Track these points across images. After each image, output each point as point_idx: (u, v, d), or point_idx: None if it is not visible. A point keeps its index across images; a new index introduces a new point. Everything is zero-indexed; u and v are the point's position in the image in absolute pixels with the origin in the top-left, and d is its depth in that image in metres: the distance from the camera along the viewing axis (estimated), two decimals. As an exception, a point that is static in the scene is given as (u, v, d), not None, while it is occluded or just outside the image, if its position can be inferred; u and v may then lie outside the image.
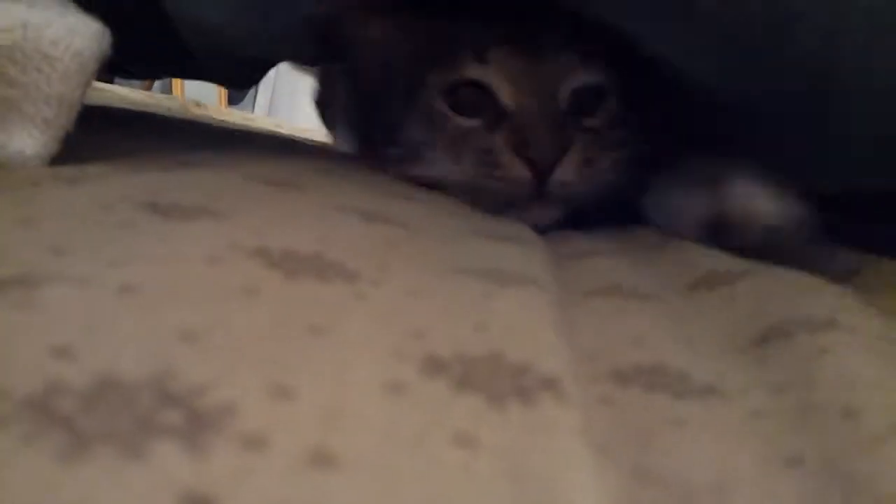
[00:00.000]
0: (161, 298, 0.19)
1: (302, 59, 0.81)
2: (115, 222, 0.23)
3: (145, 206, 0.25)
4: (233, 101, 2.36)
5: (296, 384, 0.16)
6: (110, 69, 0.57)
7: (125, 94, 1.05)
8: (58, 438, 0.13)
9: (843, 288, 0.31)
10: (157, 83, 1.82)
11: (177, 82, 2.03)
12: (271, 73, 0.94)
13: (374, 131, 0.58)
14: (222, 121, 1.05)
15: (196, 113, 1.15)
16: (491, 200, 0.49)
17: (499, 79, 0.50)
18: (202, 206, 0.26)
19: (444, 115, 0.51)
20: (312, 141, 0.95)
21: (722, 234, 0.40)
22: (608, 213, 0.53)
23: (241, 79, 0.76)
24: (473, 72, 0.50)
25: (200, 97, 1.35)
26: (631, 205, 0.53)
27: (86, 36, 0.32)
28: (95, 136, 0.36)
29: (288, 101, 2.65)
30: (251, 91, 2.58)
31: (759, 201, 0.41)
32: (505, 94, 0.50)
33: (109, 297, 0.18)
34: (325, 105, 0.98)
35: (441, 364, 0.19)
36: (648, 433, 0.20)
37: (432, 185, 0.51)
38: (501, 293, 0.25)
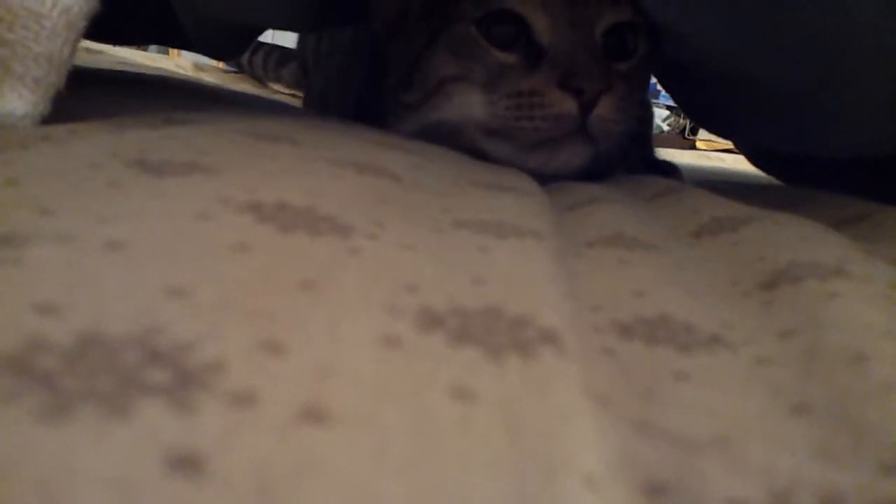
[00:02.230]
0: (149, 255, 0.18)
1: (299, 26, 0.80)
2: (103, 180, 0.23)
3: (134, 163, 0.25)
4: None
5: (287, 340, 0.16)
6: (100, 34, 0.56)
7: (123, 55, 1.04)
8: (38, 397, 0.12)
9: (848, 236, 0.30)
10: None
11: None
12: (269, 33, 0.93)
13: (386, 79, 0.57)
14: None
15: (194, 75, 1.14)
16: (519, 143, 0.49)
17: (536, 11, 0.49)
18: (192, 161, 0.25)
19: (480, 45, 0.50)
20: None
21: None
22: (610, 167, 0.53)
23: (228, 49, 0.75)
24: (510, 2, 0.49)
25: (200, 59, 1.34)
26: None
27: (73, -8, 0.32)
28: (89, 96, 0.35)
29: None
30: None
31: None
32: (542, 28, 0.49)
33: (96, 254, 0.18)
34: (308, 90, 0.97)
35: (437, 318, 0.19)
36: (651, 386, 0.19)
37: (446, 134, 0.51)
38: (500, 245, 0.24)
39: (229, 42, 0.68)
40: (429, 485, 0.13)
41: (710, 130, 0.70)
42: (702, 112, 0.68)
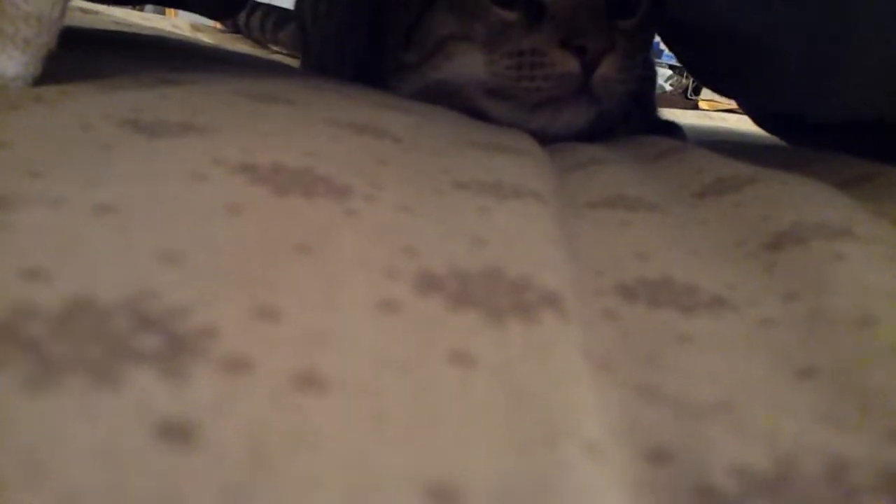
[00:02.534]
0: (140, 218, 0.18)
1: None
2: (95, 142, 0.22)
3: (127, 123, 0.24)
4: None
5: (282, 305, 0.16)
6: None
7: (119, 16, 1.02)
8: (25, 365, 0.12)
9: (854, 196, 0.30)
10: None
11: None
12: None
13: (386, 39, 0.56)
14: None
15: (191, 35, 1.13)
16: (521, 104, 0.49)
17: None
18: (186, 122, 0.25)
19: (480, 3, 0.49)
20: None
21: None
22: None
23: (224, 8, 0.74)
24: None
25: (197, 19, 1.32)
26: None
27: (63, -52, 0.31)
28: (82, 57, 0.35)
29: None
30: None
31: None
32: None
33: (86, 218, 0.17)
34: (306, 51, 0.96)
35: (436, 281, 0.18)
36: (654, 350, 0.19)
37: (447, 95, 0.50)
38: (499, 207, 0.24)
39: (225, 1, 0.67)
40: (427, 452, 0.13)
41: (715, 90, 0.69)
42: (706, 72, 0.68)
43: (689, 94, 2.53)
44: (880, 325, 0.19)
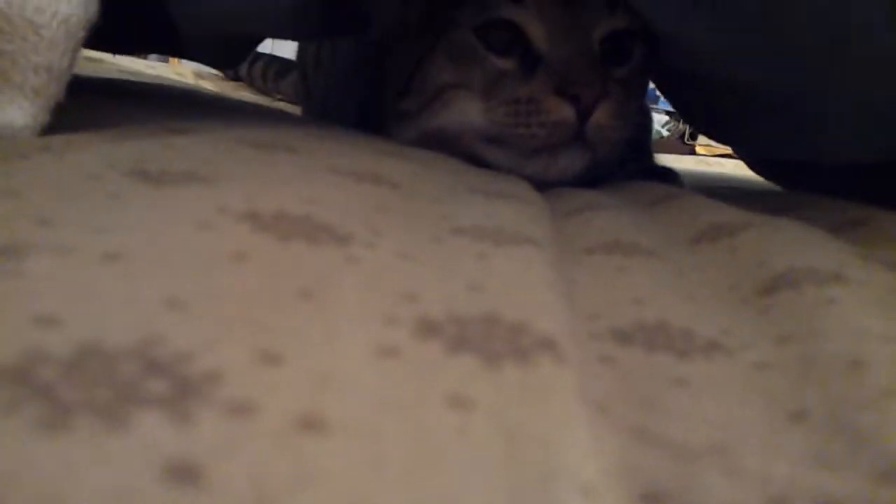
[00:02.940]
0: (147, 265, 0.18)
1: (299, 35, 0.81)
2: (102, 191, 0.23)
3: (133, 173, 0.25)
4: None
5: (285, 350, 0.16)
6: (99, 43, 0.56)
7: (123, 64, 1.04)
8: (38, 408, 0.13)
9: (846, 240, 0.30)
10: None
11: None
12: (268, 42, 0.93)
13: (386, 86, 0.57)
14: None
15: (194, 83, 1.14)
16: (517, 150, 0.50)
17: (532, 20, 0.49)
18: (191, 171, 0.25)
19: (478, 52, 0.50)
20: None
21: None
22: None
23: (228, 58, 0.75)
24: (507, 12, 0.50)
25: (201, 67, 1.34)
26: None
27: (72, 1, 0.32)
28: (88, 105, 0.35)
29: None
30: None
31: None
32: (539, 36, 0.49)
33: (95, 265, 0.18)
34: (308, 97, 0.98)
35: (435, 326, 0.19)
36: (649, 393, 0.19)
37: (445, 141, 0.51)
38: (497, 253, 0.24)
39: (228, 51, 0.68)
40: (426, 494, 0.14)
41: (709, 136, 0.70)
42: (700, 117, 0.68)
43: (686, 139, 2.54)
44: (870, 368, 0.20)
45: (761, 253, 0.28)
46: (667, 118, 2.75)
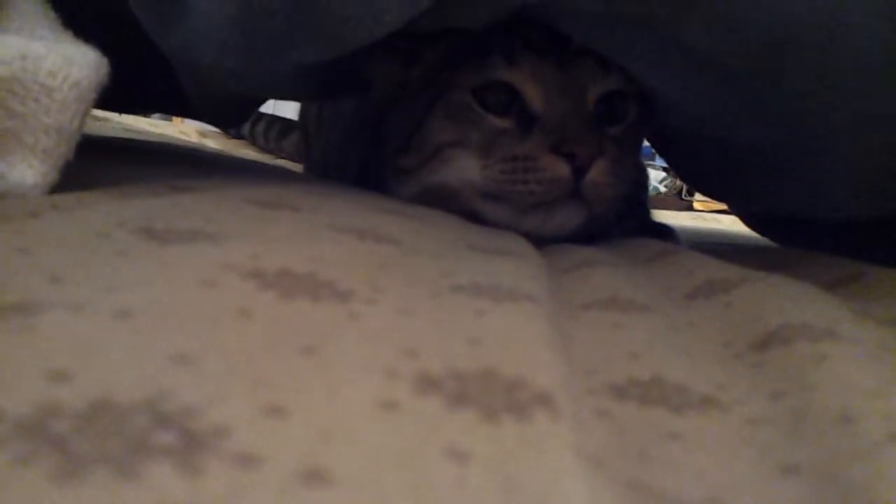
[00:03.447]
0: (155, 322, 0.19)
1: (301, 96, 0.82)
2: (110, 249, 0.24)
3: (140, 231, 0.25)
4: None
5: (289, 404, 0.16)
6: (105, 103, 0.57)
7: (128, 122, 1.05)
8: (52, 459, 0.13)
9: (840, 296, 0.31)
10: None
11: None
12: (270, 103, 0.94)
13: (386, 144, 0.58)
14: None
15: (198, 141, 1.16)
16: (514, 206, 0.51)
17: (528, 81, 0.51)
18: (197, 229, 0.26)
19: (475, 112, 0.52)
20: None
21: None
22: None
23: (230, 118, 0.76)
24: (503, 74, 0.51)
25: (204, 126, 1.36)
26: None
27: (83, 65, 0.33)
28: (96, 164, 0.36)
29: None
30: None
31: None
32: (534, 97, 0.51)
33: (104, 322, 0.18)
34: (309, 155, 0.99)
35: (434, 381, 0.19)
36: (644, 447, 0.20)
37: (444, 198, 0.52)
38: (495, 309, 0.25)
39: (231, 111, 0.69)
40: (426, 544, 0.14)
41: (703, 193, 0.71)
42: (694, 175, 0.69)
43: (683, 195, 2.55)
44: (860, 422, 0.20)
45: (756, 309, 0.29)
46: (664, 174, 2.77)
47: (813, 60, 0.41)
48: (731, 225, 1.29)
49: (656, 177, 2.82)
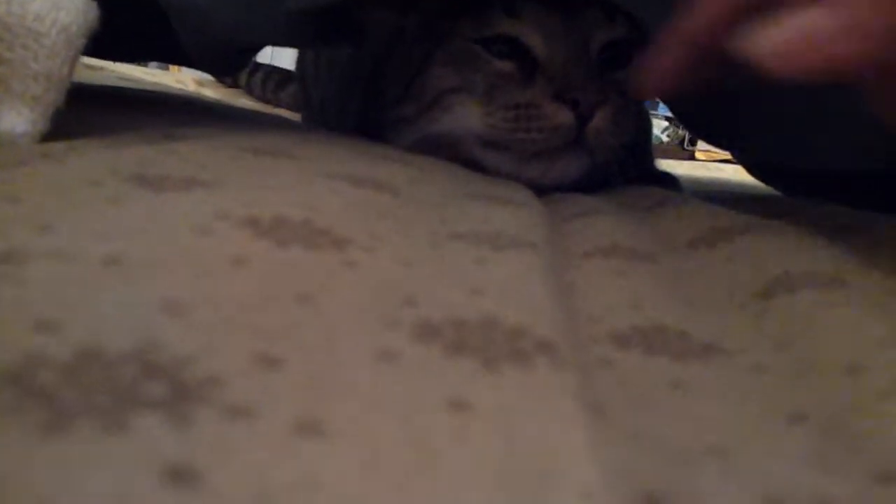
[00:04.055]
0: (146, 271, 0.18)
1: (298, 43, 0.81)
2: (102, 197, 0.23)
3: (133, 179, 0.25)
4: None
5: (283, 354, 0.16)
6: (99, 51, 0.56)
7: (124, 71, 1.04)
8: (37, 412, 0.13)
9: (846, 245, 0.30)
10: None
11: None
12: (267, 50, 0.93)
13: (384, 93, 0.58)
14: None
15: (195, 90, 1.15)
16: (517, 155, 0.50)
17: (532, 32, 0.50)
18: (191, 177, 0.26)
19: (480, 58, 0.51)
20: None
21: None
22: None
23: (227, 65, 0.75)
24: (505, 26, 0.50)
25: (202, 75, 1.34)
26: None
27: (71, 10, 0.32)
28: (88, 113, 0.35)
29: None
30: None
31: None
32: (537, 44, 0.50)
33: (94, 271, 0.18)
34: (307, 104, 0.98)
35: (434, 330, 0.19)
36: (647, 396, 0.20)
37: (444, 146, 0.52)
38: (496, 257, 0.25)
39: (227, 59, 0.68)
40: (425, 497, 0.14)
41: (708, 142, 0.70)
42: (699, 125, 0.68)
43: (685, 145, 2.55)
44: (867, 372, 0.20)
45: (759, 257, 0.28)
46: (666, 124, 2.75)
47: None
48: (734, 174, 1.28)
49: (659, 126, 2.81)
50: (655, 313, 0.24)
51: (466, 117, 0.51)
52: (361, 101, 0.68)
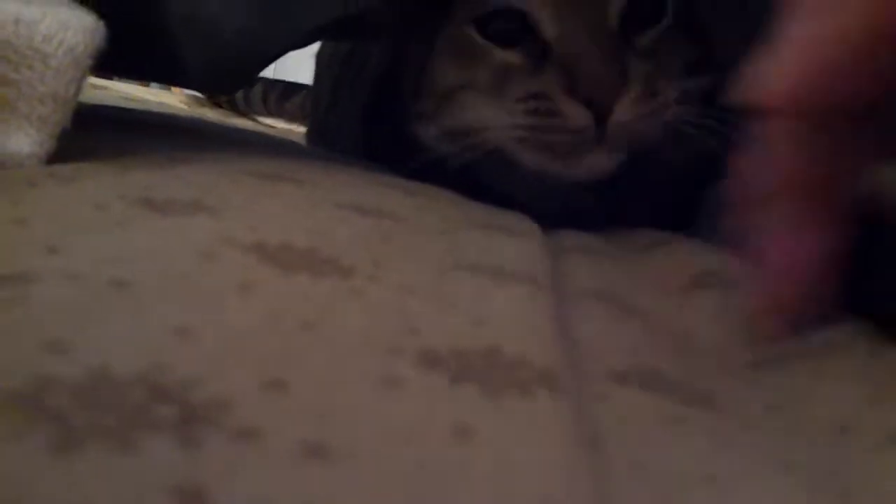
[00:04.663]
0: (154, 294, 0.19)
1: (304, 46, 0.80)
2: (109, 220, 0.23)
3: (140, 202, 0.25)
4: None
5: (289, 379, 0.16)
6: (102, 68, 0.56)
7: (127, 91, 1.05)
8: (48, 433, 0.13)
9: None
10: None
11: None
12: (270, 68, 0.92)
13: (400, 89, 0.52)
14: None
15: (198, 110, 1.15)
16: (545, 149, 0.44)
17: (540, 5, 0.43)
18: (197, 201, 0.26)
19: (480, 47, 0.45)
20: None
21: None
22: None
23: (231, 81, 0.74)
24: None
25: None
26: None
27: (79, 30, 0.32)
28: (94, 133, 0.36)
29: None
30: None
31: None
32: (545, 19, 0.43)
33: (103, 293, 0.18)
34: (318, 128, 0.96)
35: (437, 358, 0.19)
36: (644, 429, 0.20)
37: (473, 138, 0.46)
38: (498, 290, 0.25)
39: (234, 74, 0.68)
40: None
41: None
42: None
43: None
44: (858, 431, 0.20)
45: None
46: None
47: None
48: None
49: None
50: (652, 361, 0.24)
51: (482, 113, 0.45)
52: (373, 96, 0.63)
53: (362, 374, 0.17)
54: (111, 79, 1.10)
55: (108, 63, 0.34)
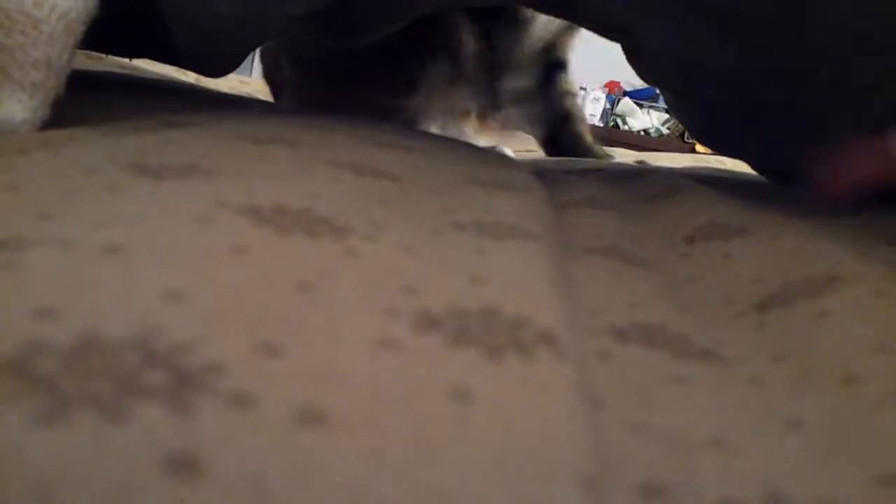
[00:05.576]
0: (147, 258, 0.18)
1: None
2: (101, 185, 0.23)
3: (133, 167, 0.25)
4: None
5: (284, 342, 0.16)
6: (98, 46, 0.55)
7: (123, 60, 1.04)
8: (38, 400, 0.13)
9: (847, 238, 0.30)
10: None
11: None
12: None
13: None
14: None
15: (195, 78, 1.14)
16: None
17: None
18: (190, 165, 0.25)
19: None
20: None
21: None
22: None
23: (219, 64, 0.74)
24: None
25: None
26: None
27: (71, -3, 0.32)
28: (88, 100, 0.35)
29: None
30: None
31: None
32: None
33: (94, 258, 0.18)
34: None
35: (435, 319, 0.19)
36: (647, 388, 0.20)
37: None
38: (497, 248, 0.24)
39: (222, 58, 0.67)
40: (425, 486, 0.14)
41: (711, 148, 0.69)
42: (705, 134, 0.68)
43: (685, 138, 2.54)
44: (864, 382, 0.20)
45: (757, 266, 0.28)
46: (667, 116, 2.75)
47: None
48: (733, 166, 1.28)
49: (659, 118, 2.81)
50: (653, 315, 0.24)
51: None
52: None
53: (358, 337, 0.17)
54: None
55: (105, 41, 0.34)
